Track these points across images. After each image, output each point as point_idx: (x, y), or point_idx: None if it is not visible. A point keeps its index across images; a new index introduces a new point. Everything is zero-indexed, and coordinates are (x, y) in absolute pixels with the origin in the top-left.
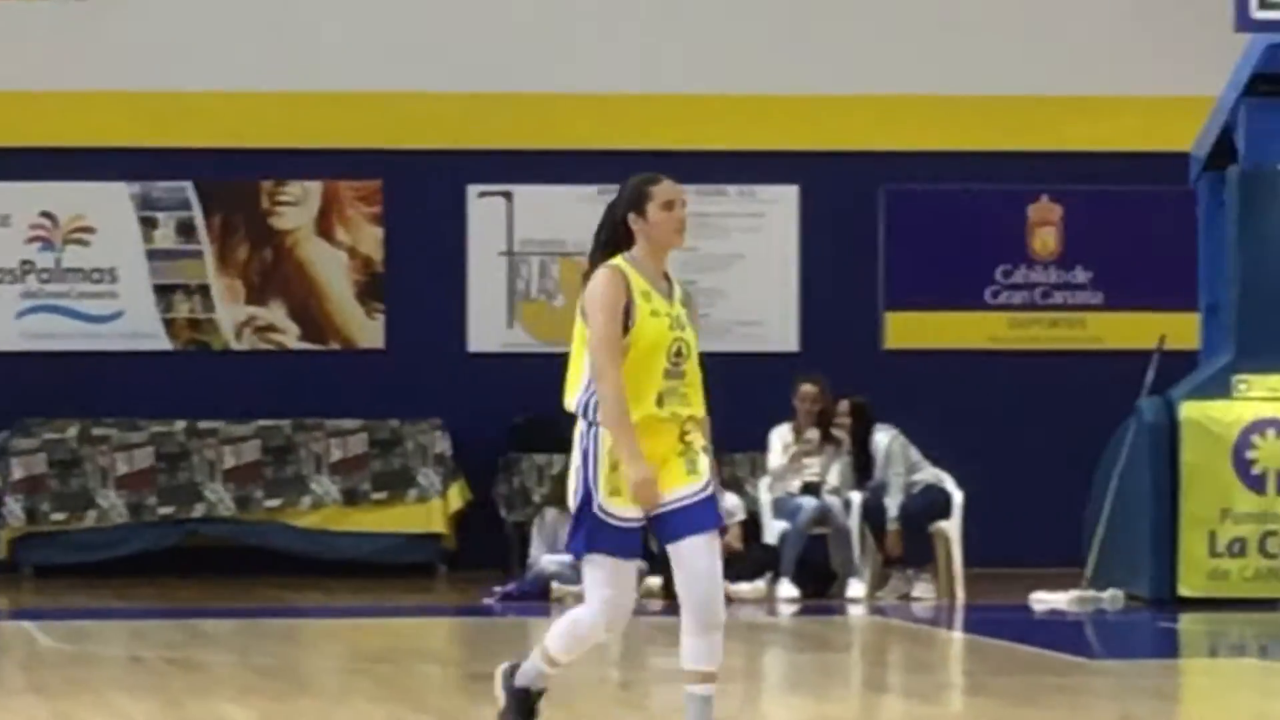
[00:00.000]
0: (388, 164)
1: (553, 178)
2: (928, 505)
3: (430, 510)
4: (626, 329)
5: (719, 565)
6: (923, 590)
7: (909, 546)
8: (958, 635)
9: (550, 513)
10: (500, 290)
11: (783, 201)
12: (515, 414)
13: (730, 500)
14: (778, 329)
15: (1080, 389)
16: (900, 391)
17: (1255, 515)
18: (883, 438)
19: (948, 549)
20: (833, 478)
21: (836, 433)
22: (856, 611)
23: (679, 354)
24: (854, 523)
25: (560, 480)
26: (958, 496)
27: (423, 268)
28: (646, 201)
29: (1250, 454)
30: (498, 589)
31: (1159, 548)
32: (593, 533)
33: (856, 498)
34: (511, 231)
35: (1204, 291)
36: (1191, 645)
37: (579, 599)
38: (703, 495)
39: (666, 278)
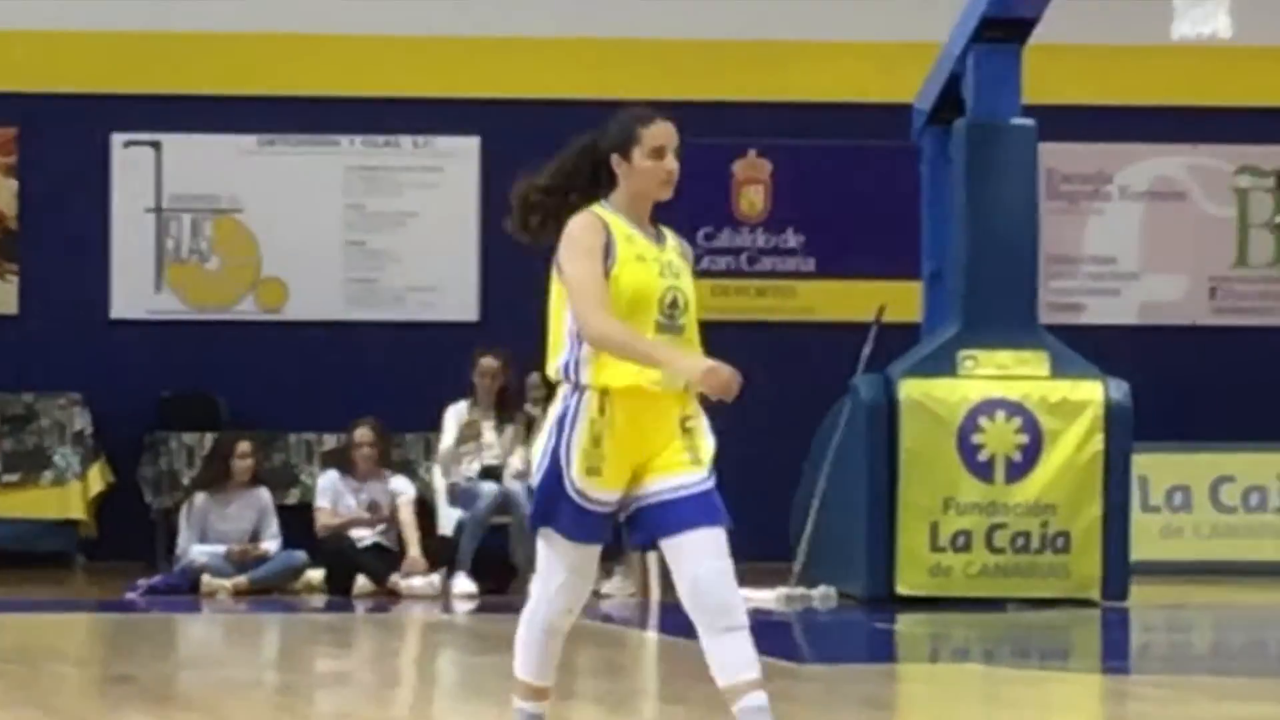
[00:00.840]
0: (23, 109)
1: (207, 126)
2: None
3: (67, 494)
4: (606, 273)
5: (730, 564)
6: (614, 587)
7: None
8: (652, 636)
9: (200, 498)
10: (148, 250)
11: (462, 154)
12: (163, 388)
13: (398, 481)
14: (456, 296)
15: (790, 364)
16: None
17: (981, 506)
18: None
19: None
20: (516, 461)
21: (532, 410)
22: None
23: (674, 305)
24: None
25: (211, 462)
26: None
27: (61, 225)
28: (634, 145)
29: (977, 438)
30: (142, 582)
31: (875, 541)
32: (555, 510)
33: None
34: (160, 185)
35: (927, 258)
36: (909, 649)
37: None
38: (708, 486)
39: (654, 224)
